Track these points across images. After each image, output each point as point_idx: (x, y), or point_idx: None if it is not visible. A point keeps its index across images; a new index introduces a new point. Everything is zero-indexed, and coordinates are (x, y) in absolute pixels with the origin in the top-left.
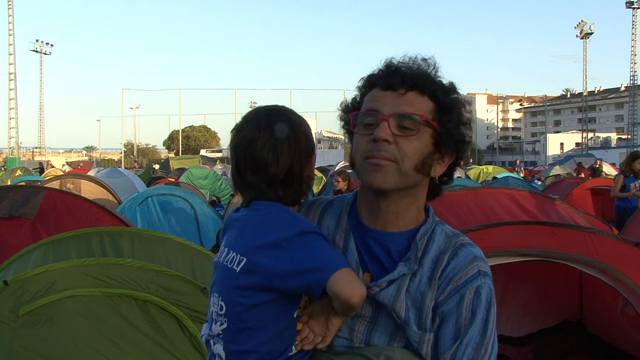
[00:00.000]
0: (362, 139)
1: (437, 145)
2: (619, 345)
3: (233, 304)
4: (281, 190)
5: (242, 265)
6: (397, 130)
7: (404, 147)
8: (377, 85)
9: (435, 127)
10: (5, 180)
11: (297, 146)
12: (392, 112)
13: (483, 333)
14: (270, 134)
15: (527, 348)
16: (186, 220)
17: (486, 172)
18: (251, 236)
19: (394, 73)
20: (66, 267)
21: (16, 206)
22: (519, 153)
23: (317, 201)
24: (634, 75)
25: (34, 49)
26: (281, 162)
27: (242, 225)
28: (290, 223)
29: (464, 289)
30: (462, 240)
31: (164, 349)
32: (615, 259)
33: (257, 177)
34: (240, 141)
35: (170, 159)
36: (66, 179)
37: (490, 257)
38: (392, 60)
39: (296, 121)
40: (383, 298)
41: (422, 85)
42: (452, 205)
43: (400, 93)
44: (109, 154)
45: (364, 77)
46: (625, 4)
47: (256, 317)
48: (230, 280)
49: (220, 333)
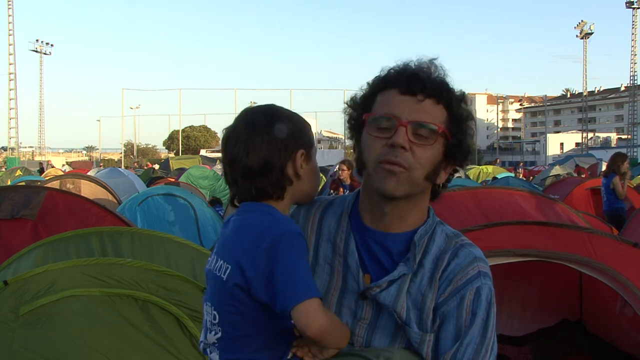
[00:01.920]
0: (376, 142)
1: (447, 154)
2: (619, 345)
3: (225, 314)
4: (259, 182)
5: (227, 273)
6: (413, 137)
7: (419, 156)
8: (395, 88)
9: (448, 138)
10: (5, 180)
11: (272, 140)
12: (411, 119)
13: (483, 334)
14: (244, 129)
15: (527, 348)
16: (186, 220)
17: (486, 172)
18: (234, 242)
19: (414, 78)
20: (66, 267)
21: (17, 207)
22: (519, 153)
23: (317, 201)
24: (634, 75)
25: (34, 49)
26: (252, 154)
27: (228, 231)
28: (270, 225)
29: (464, 289)
30: (463, 240)
31: (164, 349)
32: (614, 259)
33: (232, 170)
34: (223, 141)
35: (170, 159)
36: (66, 179)
37: (489, 257)
38: (410, 62)
39: (271, 117)
40: (384, 299)
41: (439, 94)
42: (452, 205)
43: (419, 99)
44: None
45: (379, 75)
46: (625, 4)
47: (248, 326)
48: (219, 289)
49: (215, 342)
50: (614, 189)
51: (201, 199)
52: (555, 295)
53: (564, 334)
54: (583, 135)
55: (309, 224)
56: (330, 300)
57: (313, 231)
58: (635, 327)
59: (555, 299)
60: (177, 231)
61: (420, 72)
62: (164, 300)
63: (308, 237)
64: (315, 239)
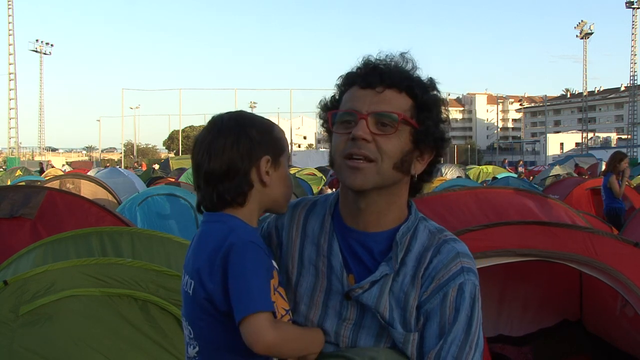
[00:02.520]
0: (340, 137)
1: (416, 143)
2: (619, 345)
3: (197, 328)
4: (220, 187)
5: (192, 288)
6: (375, 129)
7: (383, 146)
8: (356, 84)
9: (414, 125)
10: (5, 180)
11: (233, 144)
12: (370, 111)
13: (467, 330)
14: (208, 133)
15: (527, 348)
16: (186, 220)
17: (486, 172)
18: (194, 256)
19: (372, 71)
20: (66, 267)
21: (17, 206)
22: (519, 153)
23: (301, 202)
24: (634, 75)
25: (34, 49)
26: (214, 159)
27: (191, 245)
28: (224, 235)
29: (447, 286)
30: (446, 236)
31: (164, 349)
32: (614, 259)
33: (197, 176)
34: (191, 147)
35: (170, 159)
36: (66, 179)
37: (490, 257)
38: (369, 58)
39: (242, 121)
40: (366, 300)
41: (399, 83)
42: (452, 205)
43: (378, 91)
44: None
45: (342, 75)
46: (625, 4)
47: (220, 339)
48: (189, 305)
49: (195, 356)
50: (610, 188)
51: None
52: (556, 295)
53: (564, 334)
54: (583, 135)
55: (293, 225)
56: (316, 301)
57: (298, 233)
58: (635, 327)
59: (556, 299)
60: (177, 231)
61: (379, 65)
62: (164, 300)
63: (293, 240)
64: (300, 241)
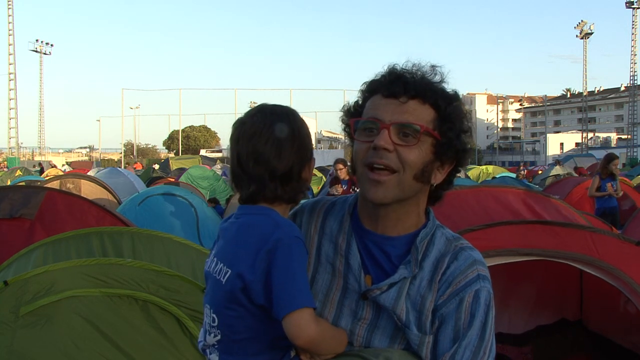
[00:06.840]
0: (362, 145)
1: (437, 154)
2: (620, 341)
3: (224, 317)
4: (280, 186)
5: (227, 277)
6: (397, 139)
7: (404, 156)
8: (379, 92)
9: (436, 137)
10: (5, 180)
11: (299, 146)
12: (393, 121)
13: (481, 336)
14: (275, 130)
15: (527, 348)
16: (186, 220)
17: (486, 172)
18: (234, 246)
19: (397, 81)
20: (66, 268)
21: (16, 206)
22: (519, 153)
23: (320, 202)
24: (634, 75)
25: (34, 49)
26: (283, 158)
27: (228, 234)
28: (270, 229)
29: (464, 292)
30: (462, 243)
31: (164, 349)
32: (616, 258)
33: (259, 168)
34: (244, 133)
35: (170, 159)
36: (66, 179)
37: (491, 257)
38: (395, 66)
39: (298, 122)
40: (384, 301)
41: (423, 94)
42: (454, 203)
43: (402, 101)
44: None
45: (367, 81)
46: (625, 4)
47: (247, 330)
48: (218, 292)
49: (214, 344)
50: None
51: (201, 199)
52: (554, 292)
53: (564, 333)
54: (583, 135)
55: (312, 223)
56: (332, 299)
57: (316, 231)
58: (637, 325)
59: (554, 297)
60: (177, 231)
61: (404, 74)
62: (164, 300)
63: (311, 236)
64: (318, 239)
